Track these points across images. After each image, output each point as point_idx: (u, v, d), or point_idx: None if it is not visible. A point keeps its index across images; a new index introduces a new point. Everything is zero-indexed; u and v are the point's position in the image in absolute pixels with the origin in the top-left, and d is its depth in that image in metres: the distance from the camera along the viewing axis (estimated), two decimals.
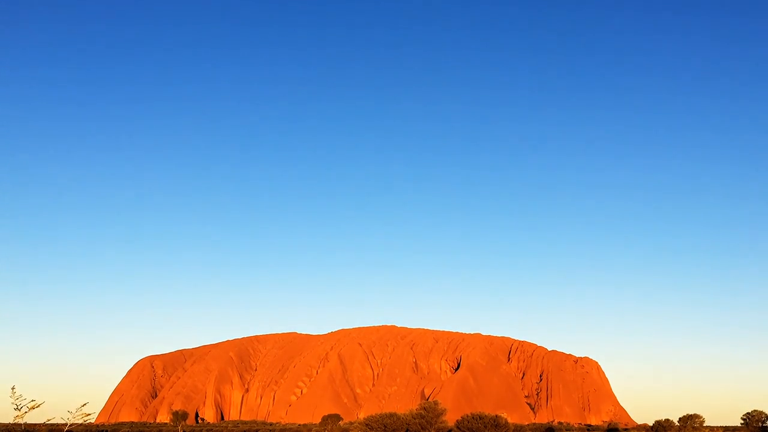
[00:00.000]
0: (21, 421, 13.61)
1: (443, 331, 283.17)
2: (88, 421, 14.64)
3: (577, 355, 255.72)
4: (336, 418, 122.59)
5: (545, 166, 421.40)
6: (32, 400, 13.61)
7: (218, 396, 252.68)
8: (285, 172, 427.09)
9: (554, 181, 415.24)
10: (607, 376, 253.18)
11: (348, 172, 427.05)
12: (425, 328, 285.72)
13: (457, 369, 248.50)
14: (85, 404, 13.93)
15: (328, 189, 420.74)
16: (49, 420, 14.32)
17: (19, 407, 13.47)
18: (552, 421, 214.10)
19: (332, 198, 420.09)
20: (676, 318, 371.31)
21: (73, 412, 13.86)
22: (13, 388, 13.43)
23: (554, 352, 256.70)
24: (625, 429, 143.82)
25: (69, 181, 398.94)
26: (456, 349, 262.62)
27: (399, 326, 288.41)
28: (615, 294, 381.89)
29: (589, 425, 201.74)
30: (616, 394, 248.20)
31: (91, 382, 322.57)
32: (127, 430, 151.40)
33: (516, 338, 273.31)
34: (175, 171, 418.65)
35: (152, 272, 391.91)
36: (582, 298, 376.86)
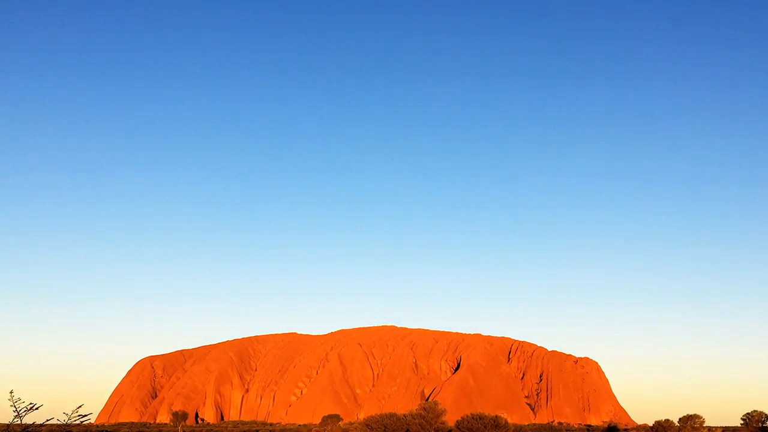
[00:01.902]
0: (19, 421, 13.58)
1: (443, 331, 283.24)
2: (85, 422, 14.65)
3: (577, 356, 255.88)
4: (336, 418, 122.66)
5: (545, 166, 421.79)
6: (31, 404, 13.58)
7: (218, 396, 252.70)
8: (284, 171, 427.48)
9: (554, 181, 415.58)
10: (607, 376, 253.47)
11: (348, 171, 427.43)
12: (425, 328, 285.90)
13: (456, 369, 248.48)
14: (80, 405, 13.90)
15: (328, 189, 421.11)
16: (48, 420, 14.30)
17: (18, 410, 13.44)
18: (552, 422, 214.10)
19: (332, 198, 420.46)
20: (676, 318, 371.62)
21: (69, 413, 13.84)
22: (11, 392, 13.41)
23: (554, 352, 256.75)
24: (625, 429, 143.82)
25: (68, 181, 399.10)
26: (456, 349, 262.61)
27: (399, 326, 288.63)
28: (615, 294, 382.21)
29: (589, 425, 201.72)
30: (616, 395, 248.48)
31: (91, 383, 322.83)
32: (127, 430, 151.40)
33: (516, 338, 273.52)
34: (174, 170, 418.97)
35: (152, 272, 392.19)
36: (582, 298, 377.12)
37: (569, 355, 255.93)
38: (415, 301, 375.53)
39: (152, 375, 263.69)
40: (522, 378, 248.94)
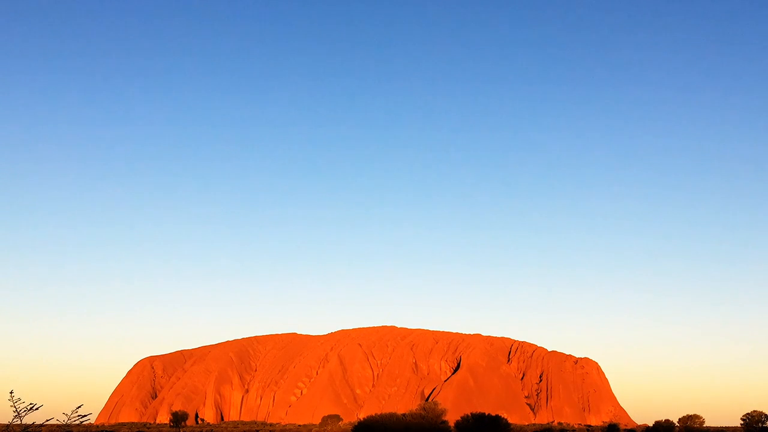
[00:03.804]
0: (19, 421, 13.59)
1: (443, 331, 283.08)
2: (85, 422, 14.66)
3: (577, 356, 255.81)
4: (336, 418, 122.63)
5: (545, 166, 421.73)
6: (31, 404, 13.59)
7: (218, 396, 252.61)
8: (284, 171, 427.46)
9: (554, 181, 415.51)
10: (607, 376, 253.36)
11: (348, 171, 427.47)
12: (425, 328, 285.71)
13: (456, 369, 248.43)
14: (80, 406, 13.91)
15: (328, 189, 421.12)
16: (48, 420, 14.32)
17: (18, 410, 13.45)
18: (552, 422, 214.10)
19: (332, 198, 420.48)
20: (676, 318, 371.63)
21: (69, 413, 13.85)
22: (11, 392, 13.41)
23: (554, 352, 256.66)
24: (625, 429, 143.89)
25: (68, 181, 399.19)
26: (456, 349, 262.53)
27: (399, 327, 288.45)
28: (615, 294, 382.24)
29: (589, 426, 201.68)
30: (616, 395, 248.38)
31: (91, 383, 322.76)
32: (126, 431, 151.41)
33: (516, 339, 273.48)
34: (174, 170, 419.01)
35: (152, 272, 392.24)
36: (582, 298, 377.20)
37: (569, 355, 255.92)
38: (415, 301, 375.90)
39: (152, 375, 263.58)
40: (522, 378, 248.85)
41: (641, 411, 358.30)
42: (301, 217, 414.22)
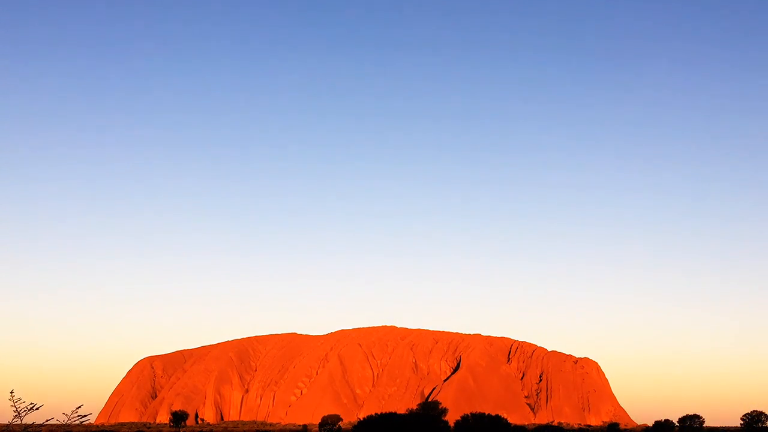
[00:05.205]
0: (19, 421, 13.58)
1: (443, 331, 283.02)
2: (85, 422, 14.68)
3: (577, 356, 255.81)
4: (336, 418, 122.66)
5: (545, 166, 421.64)
6: (31, 404, 13.57)
7: (218, 396, 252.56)
8: (284, 171, 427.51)
9: (554, 181, 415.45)
10: (607, 376, 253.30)
11: (348, 171, 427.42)
12: (425, 328, 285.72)
13: (456, 369, 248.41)
14: (80, 406, 13.89)
15: (329, 189, 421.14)
16: (48, 420, 14.30)
17: (18, 410, 13.44)
18: (552, 422, 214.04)
19: (332, 198, 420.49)
20: (675, 318, 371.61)
21: (69, 413, 13.83)
22: (12, 392, 13.39)
23: (554, 352, 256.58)
24: (625, 429, 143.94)
25: (69, 181, 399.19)
26: (456, 349, 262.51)
27: (399, 327, 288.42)
28: (615, 294, 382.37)
29: (589, 425, 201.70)
30: (616, 395, 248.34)
31: (91, 383, 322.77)
32: (126, 431, 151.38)
33: (516, 339, 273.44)
34: (175, 171, 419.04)
35: (152, 272, 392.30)
36: (582, 298, 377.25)
37: (569, 355, 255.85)
38: (415, 301, 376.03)
39: (152, 375, 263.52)
40: (522, 378, 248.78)
41: (641, 411, 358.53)
42: (301, 217, 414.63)
